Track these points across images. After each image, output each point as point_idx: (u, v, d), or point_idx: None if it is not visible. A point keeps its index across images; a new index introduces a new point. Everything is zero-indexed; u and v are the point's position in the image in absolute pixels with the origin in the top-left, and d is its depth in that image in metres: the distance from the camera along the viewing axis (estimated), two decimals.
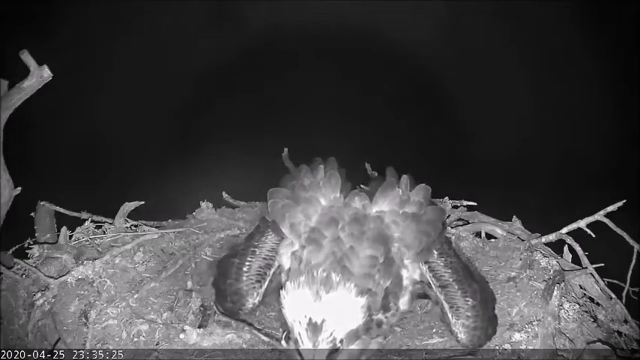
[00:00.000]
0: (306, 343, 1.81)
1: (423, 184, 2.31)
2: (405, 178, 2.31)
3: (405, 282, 2.17)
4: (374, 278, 1.98)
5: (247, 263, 2.27)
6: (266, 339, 2.52)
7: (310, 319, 1.81)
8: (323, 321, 1.81)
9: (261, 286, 2.23)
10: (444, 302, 2.27)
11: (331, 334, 1.81)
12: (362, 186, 3.15)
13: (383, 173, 2.42)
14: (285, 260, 2.19)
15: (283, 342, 2.27)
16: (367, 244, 2.04)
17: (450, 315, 2.25)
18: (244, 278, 2.24)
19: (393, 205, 2.21)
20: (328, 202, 2.21)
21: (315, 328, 1.80)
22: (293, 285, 1.88)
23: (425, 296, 2.53)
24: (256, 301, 2.24)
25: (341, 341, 1.85)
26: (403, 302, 2.18)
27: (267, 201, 2.27)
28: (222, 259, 2.47)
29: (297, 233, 2.12)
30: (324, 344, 1.81)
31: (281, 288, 2.05)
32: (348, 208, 2.17)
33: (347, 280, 1.88)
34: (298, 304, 1.85)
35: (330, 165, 2.38)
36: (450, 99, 5.36)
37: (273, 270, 2.27)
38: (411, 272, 2.20)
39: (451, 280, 2.28)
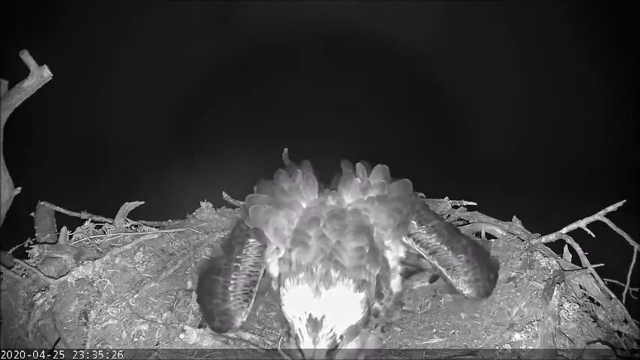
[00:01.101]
0: (306, 340, 1.81)
1: (379, 165, 2.31)
2: (359, 165, 2.30)
3: (392, 263, 2.18)
4: (365, 269, 1.98)
5: (232, 282, 2.24)
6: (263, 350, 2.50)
7: (310, 315, 1.81)
8: (323, 317, 1.81)
9: (248, 305, 2.23)
10: (439, 267, 2.32)
11: (331, 330, 1.82)
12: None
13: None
14: (273, 268, 2.18)
15: (279, 348, 2.29)
16: (351, 237, 2.03)
17: (449, 277, 2.30)
18: (231, 298, 2.23)
19: (357, 195, 2.21)
20: (308, 205, 2.20)
21: (315, 324, 1.80)
22: (292, 282, 1.88)
23: (420, 269, 2.62)
24: (244, 319, 2.23)
25: (341, 337, 1.85)
26: (395, 284, 2.19)
27: (247, 207, 2.24)
28: (205, 275, 2.44)
29: (282, 238, 2.11)
30: (324, 340, 1.81)
31: (268, 293, 2.06)
32: (324, 207, 2.16)
33: (345, 276, 1.88)
34: (298, 301, 1.85)
35: (306, 168, 2.38)
36: (450, 99, 5.36)
37: (257, 285, 2.26)
38: (395, 252, 2.21)
39: (438, 243, 2.32)
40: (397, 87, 5.52)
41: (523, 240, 3.14)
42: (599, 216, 2.93)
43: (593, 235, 2.91)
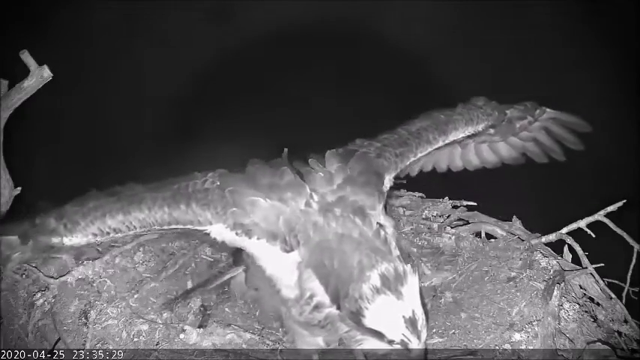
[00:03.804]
0: (413, 340, 1.79)
1: (328, 152, 2.21)
2: (312, 161, 2.18)
3: (391, 240, 2.04)
4: (397, 245, 1.96)
5: (106, 212, 1.95)
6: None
7: (404, 316, 1.78)
8: (413, 311, 1.79)
9: (95, 237, 1.94)
10: (453, 147, 2.46)
11: (423, 320, 1.82)
12: None
13: None
14: (290, 274, 2.01)
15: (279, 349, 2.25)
16: (360, 222, 1.96)
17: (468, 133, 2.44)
18: (89, 218, 1.94)
19: (326, 187, 2.09)
20: (295, 206, 2.04)
21: (412, 322, 1.79)
22: (370, 296, 1.80)
23: None
24: (78, 245, 1.94)
25: (427, 318, 1.86)
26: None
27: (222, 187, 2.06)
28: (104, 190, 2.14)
29: (296, 240, 1.97)
30: (424, 331, 1.81)
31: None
32: (311, 207, 2.03)
33: (402, 264, 1.84)
34: (386, 311, 1.80)
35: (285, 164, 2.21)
36: (450, 98, 5.36)
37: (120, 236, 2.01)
38: (389, 228, 2.10)
39: (421, 142, 2.36)
40: (397, 84, 5.51)
41: (523, 240, 3.15)
42: (599, 216, 2.92)
43: (593, 235, 2.91)
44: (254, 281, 2.35)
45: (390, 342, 1.81)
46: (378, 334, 1.82)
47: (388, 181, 2.28)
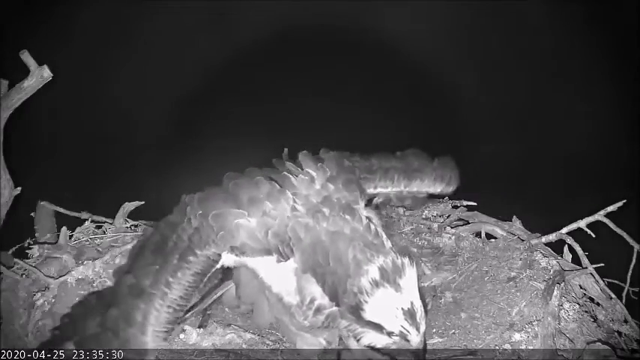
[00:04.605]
0: (412, 332, 1.81)
1: (301, 154, 2.21)
2: (290, 164, 2.18)
3: (380, 231, 2.07)
4: (385, 236, 1.97)
5: (155, 312, 1.95)
6: None
7: (402, 309, 1.80)
8: (411, 302, 1.81)
9: (164, 340, 1.97)
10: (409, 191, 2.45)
11: (421, 310, 1.83)
12: None
13: None
14: (286, 281, 2.04)
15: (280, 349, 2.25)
16: (350, 218, 1.97)
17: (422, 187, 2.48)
18: (150, 330, 1.94)
19: (309, 189, 2.09)
20: (282, 212, 2.04)
21: (411, 314, 1.81)
22: (369, 289, 1.82)
23: None
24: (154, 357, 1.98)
25: (425, 310, 1.87)
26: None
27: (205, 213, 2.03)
28: (124, 292, 2.05)
29: (289, 249, 1.98)
30: (423, 322, 1.83)
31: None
32: (297, 210, 2.04)
33: (399, 257, 1.86)
34: (385, 304, 1.82)
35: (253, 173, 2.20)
36: (450, 98, 5.36)
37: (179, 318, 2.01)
38: (375, 219, 2.15)
39: (387, 178, 2.39)
40: (396, 84, 5.52)
41: (523, 240, 3.15)
42: (599, 216, 2.93)
43: (593, 235, 2.91)
44: (250, 296, 2.36)
45: (390, 334, 1.82)
46: (378, 327, 1.84)
47: None
